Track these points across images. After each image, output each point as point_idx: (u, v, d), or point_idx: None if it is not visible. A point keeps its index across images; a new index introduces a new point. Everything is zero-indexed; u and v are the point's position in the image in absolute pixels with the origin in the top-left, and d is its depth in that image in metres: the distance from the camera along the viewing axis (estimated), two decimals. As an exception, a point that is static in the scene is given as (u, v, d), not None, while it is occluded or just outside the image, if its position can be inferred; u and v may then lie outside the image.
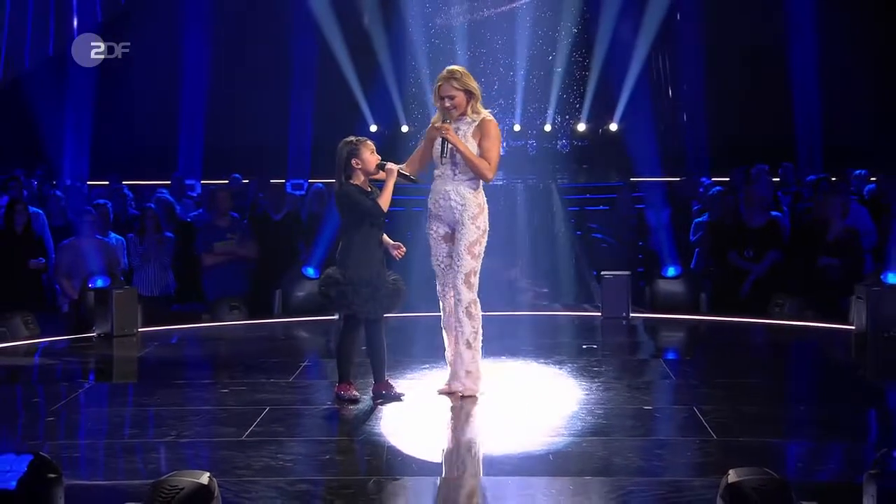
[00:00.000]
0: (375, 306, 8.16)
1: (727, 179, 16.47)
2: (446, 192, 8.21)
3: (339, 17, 19.62)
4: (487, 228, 8.31)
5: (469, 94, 8.16)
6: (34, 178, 16.35)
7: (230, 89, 19.83)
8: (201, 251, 12.93)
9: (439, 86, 8.20)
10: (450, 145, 8.10)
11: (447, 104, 8.13)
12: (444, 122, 8.21)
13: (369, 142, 8.25)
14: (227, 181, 16.46)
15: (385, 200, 8.12)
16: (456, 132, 8.11)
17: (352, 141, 8.26)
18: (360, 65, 19.95)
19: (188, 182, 18.31)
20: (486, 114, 8.24)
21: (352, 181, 8.17)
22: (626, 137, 20.51)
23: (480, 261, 8.35)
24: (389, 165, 8.15)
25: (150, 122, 19.78)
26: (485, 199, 8.36)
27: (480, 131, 8.09)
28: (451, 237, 8.25)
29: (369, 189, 8.21)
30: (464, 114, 8.15)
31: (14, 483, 5.61)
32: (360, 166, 8.09)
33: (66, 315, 12.04)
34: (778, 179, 17.35)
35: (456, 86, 8.13)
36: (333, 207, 14.16)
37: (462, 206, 8.19)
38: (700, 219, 14.05)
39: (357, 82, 20.03)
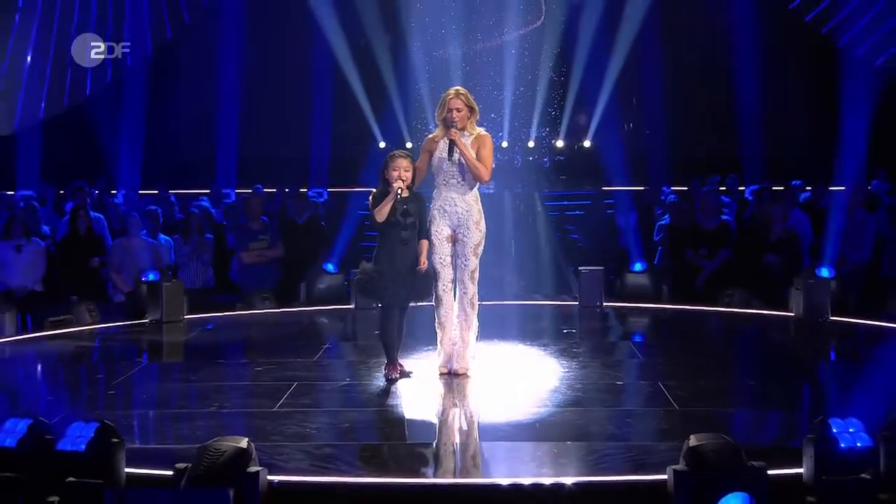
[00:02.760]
0: (400, 296, 8.12)
1: (685, 188, 16.48)
2: (452, 199, 8.16)
3: (352, 51, 19.59)
4: (486, 231, 8.30)
5: (471, 109, 8.17)
6: (95, 187, 16.32)
7: (260, 111, 19.73)
8: (238, 251, 12.91)
9: (449, 98, 8.17)
10: (456, 148, 8.04)
11: (453, 114, 8.08)
12: (450, 149, 8.15)
13: (399, 158, 8.16)
14: (252, 190, 16.43)
15: (379, 212, 8.04)
16: (457, 145, 8.07)
17: (388, 156, 8.23)
18: (370, 90, 19.84)
19: (224, 191, 18.30)
20: (481, 130, 8.23)
21: (392, 188, 8.07)
22: (598, 152, 20.39)
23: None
24: (394, 185, 8.03)
25: (191, 140, 19.71)
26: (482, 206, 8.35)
27: (478, 143, 8.09)
28: (453, 238, 8.18)
29: (406, 195, 8.09)
30: (464, 128, 8.08)
31: (83, 446, 5.65)
32: (387, 177, 8.08)
33: (119, 305, 12.01)
34: (725, 188, 17.38)
35: (462, 101, 8.12)
36: (348, 212, 14.30)
37: (467, 212, 8.17)
38: (662, 222, 13.98)
39: (368, 105, 19.93)
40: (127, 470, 5.78)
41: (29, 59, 19.80)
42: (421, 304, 8.35)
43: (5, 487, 5.68)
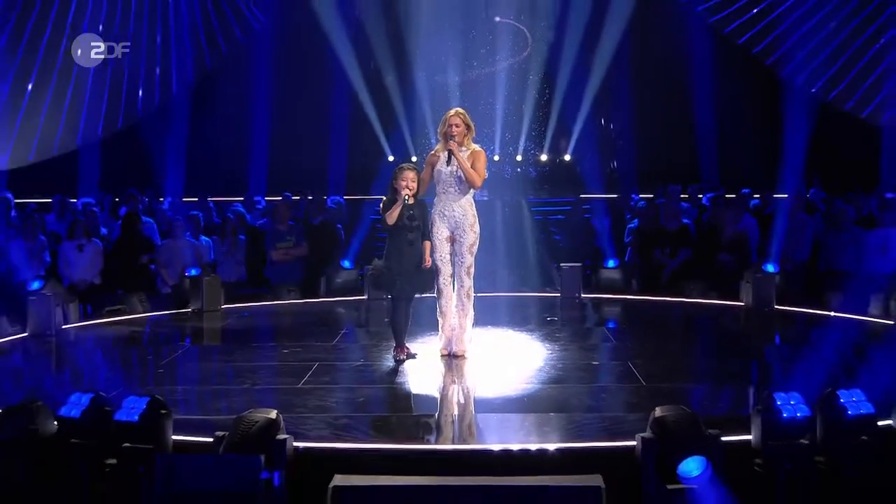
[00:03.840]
0: (406, 289, 8.10)
1: (651, 196, 16.49)
2: (451, 205, 8.13)
3: (365, 77, 19.54)
4: (479, 233, 8.30)
5: (468, 127, 8.15)
6: (145, 195, 16.34)
7: (286, 129, 19.65)
8: (269, 249, 12.85)
9: (450, 116, 8.18)
10: (455, 158, 8.04)
11: (453, 129, 8.07)
12: (448, 157, 8.16)
13: (406, 171, 8.11)
14: (281, 197, 16.43)
15: (389, 216, 8.02)
16: (456, 158, 8.07)
17: (396, 168, 8.20)
18: (380, 110, 19.82)
19: (256, 198, 18.26)
20: (476, 146, 8.21)
21: (400, 196, 8.04)
22: (576, 165, 20.46)
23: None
24: (402, 193, 8.00)
25: (227, 154, 19.68)
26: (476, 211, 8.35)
27: (473, 157, 8.07)
28: (451, 238, 8.16)
29: (412, 202, 8.05)
30: (462, 144, 8.07)
31: (137, 417, 5.69)
32: (395, 187, 8.04)
33: (166, 296, 12.00)
34: (687, 196, 17.46)
35: (461, 119, 8.12)
36: (362, 216, 14.21)
37: (463, 216, 8.14)
38: (631, 225, 13.97)
39: (378, 123, 19.93)
40: (173, 437, 5.81)
41: (89, 84, 19.79)
42: (424, 295, 8.34)
43: (71, 452, 5.68)
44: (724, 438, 5.56)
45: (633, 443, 5.62)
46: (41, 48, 19.22)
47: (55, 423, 5.88)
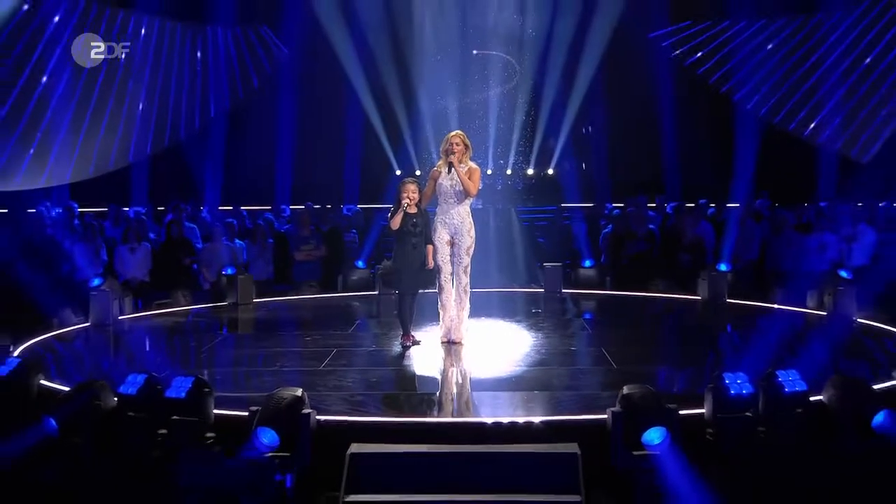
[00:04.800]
0: (411, 286, 8.11)
1: (622, 205, 16.50)
2: (451, 213, 8.13)
3: (375, 101, 19.43)
4: (475, 237, 8.30)
5: (466, 146, 8.15)
6: (188, 204, 16.35)
7: (307, 147, 19.25)
8: (293, 251, 12.77)
9: (451, 136, 8.21)
10: (455, 171, 8.06)
11: (453, 146, 8.09)
12: (448, 168, 8.16)
13: (408, 183, 8.14)
14: (303, 206, 16.34)
15: (393, 221, 8.03)
16: (456, 171, 8.09)
17: (400, 182, 8.22)
18: (388, 130, 19.62)
19: (282, 206, 17.98)
20: (472, 164, 8.22)
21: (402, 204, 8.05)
22: (558, 178, 20.31)
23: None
24: (403, 202, 8.01)
25: (257, 169, 19.42)
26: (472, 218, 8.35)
27: (470, 171, 8.07)
28: (451, 242, 8.16)
29: (413, 211, 8.05)
30: (461, 161, 8.08)
31: (184, 394, 5.72)
32: (399, 198, 8.06)
33: (206, 291, 11.97)
34: (654, 205, 17.43)
35: (460, 139, 8.15)
36: (373, 222, 14.00)
37: (461, 223, 8.14)
38: (606, 230, 13.87)
39: (387, 141, 19.73)
40: (214, 411, 5.84)
41: (140, 107, 19.77)
42: (427, 291, 8.37)
43: (128, 423, 5.74)
44: (681, 412, 5.59)
45: (605, 416, 5.63)
46: (100, 76, 19.24)
47: (115, 398, 5.91)
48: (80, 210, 16.00)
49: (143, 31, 19.37)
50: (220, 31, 20.16)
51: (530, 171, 20.70)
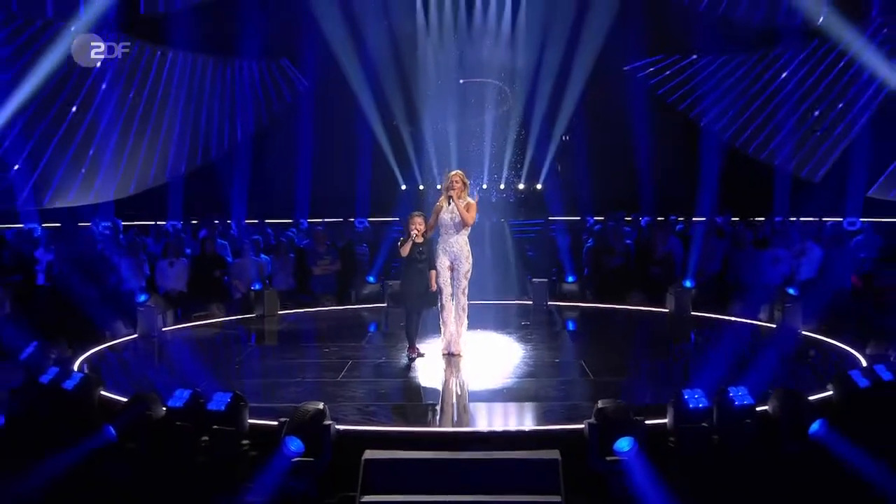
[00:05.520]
0: (416, 304, 8.24)
1: (602, 218, 16.17)
2: (451, 241, 8.18)
3: (385, 125, 19.50)
4: (472, 262, 8.33)
5: (464, 184, 8.21)
6: (219, 221, 16.26)
7: (323, 166, 19.30)
8: (311, 266, 12.67)
9: (452, 175, 8.26)
10: (453, 201, 8.12)
11: (454, 185, 8.14)
12: (448, 202, 8.20)
13: (416, 217, 8.19)
14: (319, 219, 16.01)
15: (402, 249, 8.12)
16: (456, 205, 8.15)
17: (409, 215, 8.28)
18: (395, 150, 19.76)
19: (300, 219, 17.95)
20: (470, 199, 8.26)
21: (411, 235, 8.11)
22: (545, 192, 20.20)
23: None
24: (412, 233, 8.09)
25: (279, 185, 19.29)
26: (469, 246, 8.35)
27: (468, 206, 8.14)
28: (451, 267, 8.20)
29: (420, 241, 8.12)
30: (459, 197, 8.14)
31: (224, 407, 5.86)
32: (408, 229, 8.16)
33: (237, 301, 11.88)
34: (630, 218, 17.23)
35: (459, 177, 8.20)
36: (383, 238, 13.90)
37: (460, 250, 8.19)
38: (588, 244, 13.60)
39: (394, 159, 19.81)
40: (249, 421, 5.95)
41: (176, 131, 19.61)
42: (431, 309, 8.44)
43: (175, 432, 5.87)
44: (647, 422, 5.73)
45: (582, 426, 5.74)
46: (142, 100, 19.18)
47: (163, 409, 6.05)
48: (122, 224, 16.03)
49: (178, 64, 19.50)
50: (245, 64, 20.25)
51: (521, 186, 20.60)
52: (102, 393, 6.77)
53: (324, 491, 5.66)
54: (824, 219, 15.11)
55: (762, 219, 15.97)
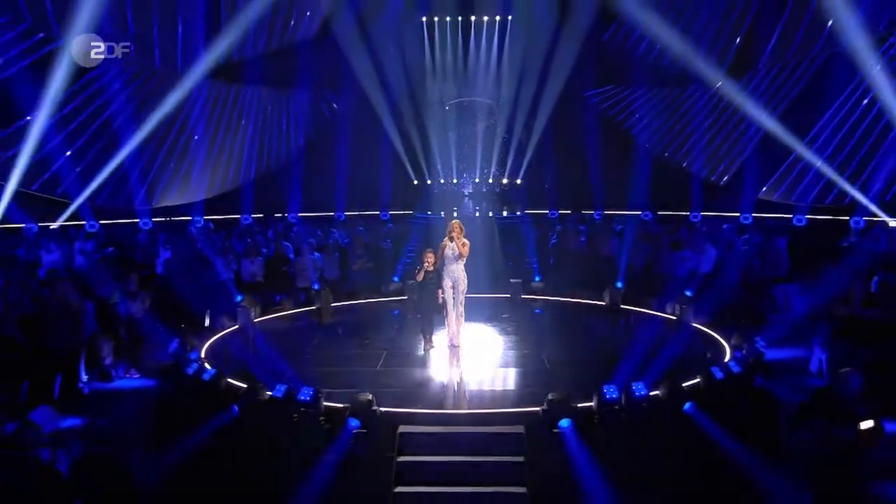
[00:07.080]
0: (430, 311, 8.56)
1: (567, 211, 16.23)
2: (452, 269, 8.48)
3: (401, 137, 19.41)
4: (468, 283, 8.55)
5: (461, 229, 8.44)
6: (281, 223, 16.15)
7: (356, 168, 19.11)
8: (352, 263, 12.36)
9: (453, 223, 8.42)
10: (455, 242, 8.37)
11: (455, 230, 8.36)
12: (450, 241, 8.42)
13: (428, 252, 8.39)
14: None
15: (418, 276, 8.36)
16: (456, 244, 8.45)
17: (423, 251, 8.47)
18: (409, 154, 19.66)
19: (337, 214, 18.16)
20: (465, 240, 8.40)
21: (423, 266, 8.30)
22: (523, 188, 19.99)
23: None
24: (425, 265, 8.25)
25: (321, 184, 19.21)
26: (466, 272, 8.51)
27: (464, 243, 8.40)
28: (453, 287, 8.52)
29: (431, 269, 8.27)
30: (458, 238, 8.41)
31: (308, 397, 6.41)
32: (422, 260, 8.50)
33: (301, 291, 11.59)
34: (584, 214, 17.09)
35: (458, 225, 8.44)
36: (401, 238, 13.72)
37: (459, 275, 8.49)
38: (552, 241, 13.34)
39: (408, 161, 19.71)
40: (323, 404, 6.52)
41: (248, 143, 19.65)
42: (440, 314, 8.67)
43: (276, 417, 6.46)
44: (580, 405, 6.40)
45: (539, 409, 6.40)
46: (223, 122, 19.09)
47: (268, 394, 6.62)
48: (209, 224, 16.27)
49: (247, 95, 19.78)
50: (297, 94, 20.39)
51: (505, 180, 20.53)
52: (227, 381, 7.33)
53: (373, 453, 6.20)
54: (724, 216, 15.29)
55: (683, 214, 16.09)
